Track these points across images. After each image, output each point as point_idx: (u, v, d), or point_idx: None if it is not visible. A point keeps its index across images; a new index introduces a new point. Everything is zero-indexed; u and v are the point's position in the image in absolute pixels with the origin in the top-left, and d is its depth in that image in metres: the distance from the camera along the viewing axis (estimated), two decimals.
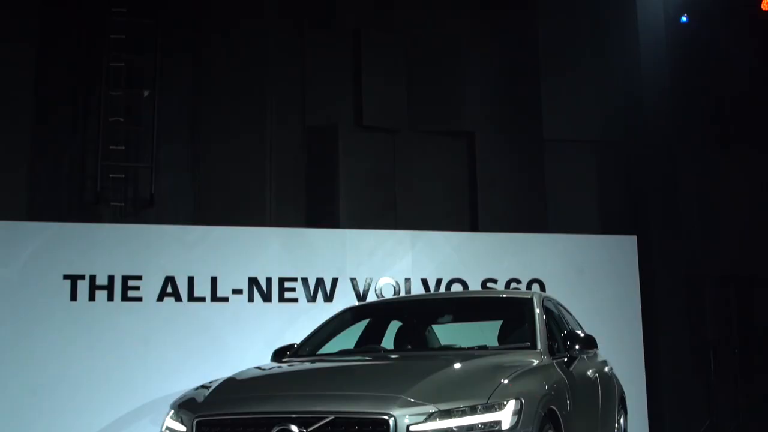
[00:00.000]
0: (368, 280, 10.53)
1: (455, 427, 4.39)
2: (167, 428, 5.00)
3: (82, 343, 9.59)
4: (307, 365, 5.93)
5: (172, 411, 5.05)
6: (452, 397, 4.53)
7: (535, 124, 12.31)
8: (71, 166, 10.73)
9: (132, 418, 9.52)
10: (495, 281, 10.91)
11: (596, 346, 6.28)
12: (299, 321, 9.83)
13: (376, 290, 10.51)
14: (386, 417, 4.37)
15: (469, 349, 6.01)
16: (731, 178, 12.39)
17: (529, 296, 6.50)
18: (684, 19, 12.46)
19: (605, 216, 12.42)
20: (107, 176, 10.58)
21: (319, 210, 11.44)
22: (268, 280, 10.23)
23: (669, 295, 11.78)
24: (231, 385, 5.23)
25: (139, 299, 9.85)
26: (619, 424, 7.55)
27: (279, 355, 6.43)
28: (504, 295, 7.28)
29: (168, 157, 10.92)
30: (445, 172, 12.02)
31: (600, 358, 7.47)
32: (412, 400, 4.48)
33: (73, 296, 9.66)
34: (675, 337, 11.72)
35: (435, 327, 7.18)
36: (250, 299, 10.13)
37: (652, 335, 11.55)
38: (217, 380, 5.41)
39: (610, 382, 7.43)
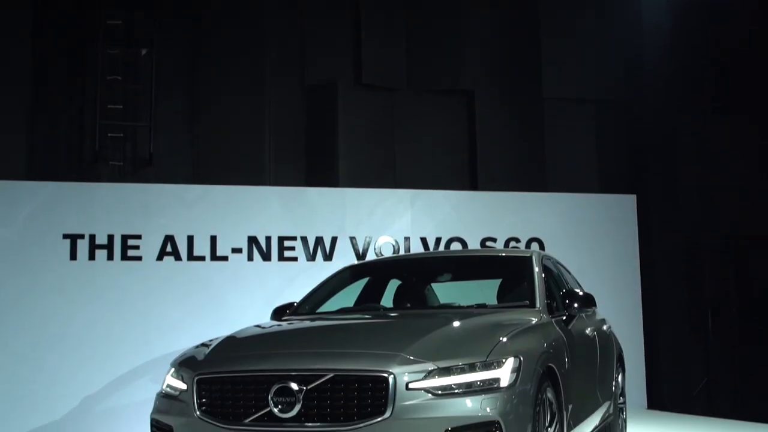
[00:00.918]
0: (367, 239, 10.54)
1: (454, 384, 4.41)
2: (168, 386, 5.03)
3: (83, 302, 9.63)
4: (307, 323, 5.95)
5: (173, 369, 5.08)
6: (451, 354, 4.55)
7: (535, 83, 12.26)
8: (69, 126, 10.70)
9: (132, 377, 9.58)
10: (494, 240, 10.93)
11: (595, 305, 6.29)
12: (299, 280, 9.86)
13: (375, 249, 10.53)
14: (385, 374, 4.39)
15: (468, 307, 6.01)
16: (731, 138, 12.36)
17: (528, 255, 6.49)
18: None
19: (605, 175, 12.41)
20: (106, 135, 10.56)
21: (319, 169, 11.42)
22: (268, 239, 10.24)
23: (668, 255, 11.81)
24: (231, 344, 5.26)
25: (139, 258, 9.87)
26: (616, 382, 7.58)
27: (279, 313, 6.45)
28: (503, 254, 7.28)
29: (166, 116, 10.88)
30: (444, 131, 11.98)
31: (598, 317, 7.49)
32: (412, 357, 4.50)
33: (73, 255, 9.67)
34: (673, 297, 11.77)
35: (434, 285, 7.19)
36: (250, 258, 10.16)
37: (650, 294, 11.60)
38: (217, 338, 5.44)
39: (608, 340, 7.46)
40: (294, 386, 4.45)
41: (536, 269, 6.17)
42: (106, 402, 9.52)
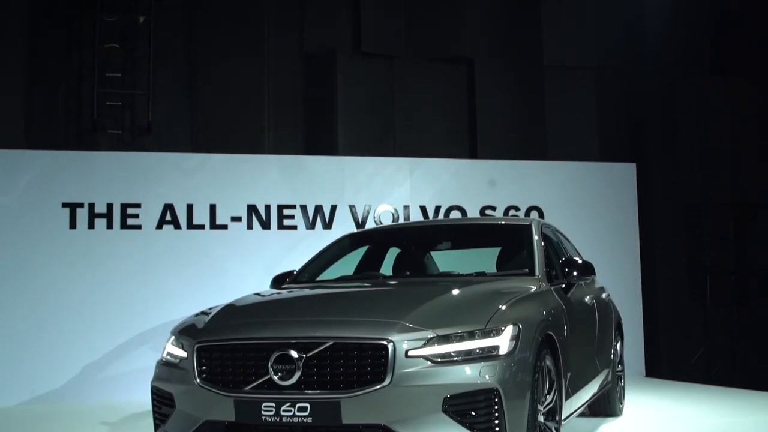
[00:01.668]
0: (367, 207, 10.54)
1: (453, 351, 4.43)
2: (168, 354, 5.04)
3: (82, 271, 9.64)
4: (307, 291, 5.96)
5: (173, 337, 5.09)
6: (450, 322, 4.56)
7: (535, 51, 12.20)
8: (67, 94, 10.64)
9: (132, 345, 9.62)
10: (494, 208, 10.93)
11: (594, 273, 6.29)
12: (298, 248, 9.87)
13: (374, 217, 10.53)
14: (385, 342, 4.40)
15: (467, 275, 6.02)
16: (730, 106, 12.31)
17: (528, 223, 6.50)
18: None
19: (604, 143, 12.38)
20: (104, 104, 10.51)
21: (318, 137, 11.39)
22: (267, 208, 10.24)
23: (667, 222, 11.82)
24: (231, 312, 5.27)
25: (139, 227, 9.87)
26: (615, 349, 7.61)
27: (278, 281, 6.47)
28: (502, 222, 7.29)
29: (165, 84, 10.82)
30: (444, 99, 11.94)
31: (597, 285, 7.51)
32: (411, 325, 4.51)
33: (73, 224, 9.68)
34: (672, 264, 11.78)
35: (433, 254, 7.21)
36: (249, 226, 10.16)
37: (649, 262, 11.62)
38: (216, 306, 5.45)
39: (607, 308, 7.48)
40: (294, 354, 4.46)
41: (535, 237, 6.17)
42: (107, 370, 9.56)
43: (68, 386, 9.43)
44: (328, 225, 10.38)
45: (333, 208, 10.45)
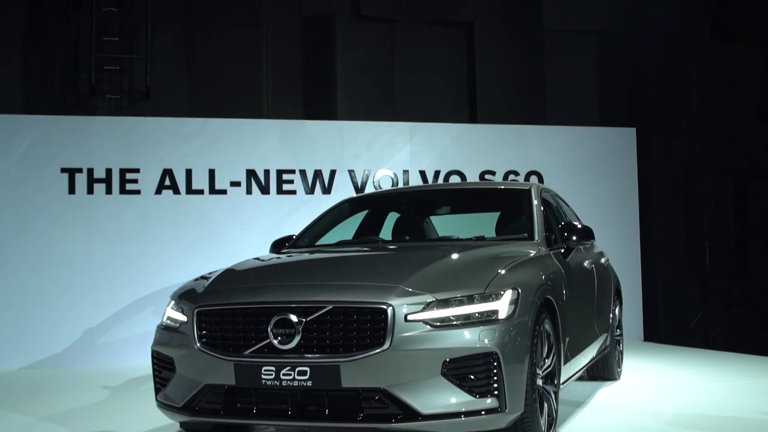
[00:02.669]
0: (366, 172, 10.53)
1: (452, 316, 4.43)
2: (168, 318, 5.06)
3: (82, 236, 9.66)
4: (306, 256, 5.95)
5: (173, 302, 5.10)
6: (450, 286, 4.56)
7: (536, 14, 12.11)
8: (65, 59, 10.58)
9: (132, 310, 9.65)
10: (493, 173, 10.92)
11: (593, 238, 6.30)
12: (297, 213, 9.88)
13: (374, 182, 10.52)
14: (384, 306, 4.41)
15: (466, 240, 6.02)
16: (731, 70, 12.24)
17: (527, 187, 6.48)
18: None
19: (605, 108, 12.34)
20: (101, 68, 10.46)
21: (317, 101, 11.35)
22: (266, 173, 10.23)
23: (666, 187, 11.80)
24: (230, 276, 5.27)
25: (138, 192, 9.87)
26: (614, 314, 7.64)
27: (278, 246, 6.47)
28: (502, 187, 7.25)
29: (163, 48, 10.76)
30: (443, 63, 11.88)
31: (596, 250, 7.52)
32: (410, 289, 4.52)
33: (72, 190, 9.67)
34: (671, 230, 11.79)
35: (433, 218, 7.20)
36: (249, 191, 10.16)
37: (648, 227, 11.63)
38: (216, 271, 5.46)
39: (606, 273, 7.49)
40: (293, 318, 4.47)
41: (535, 202, 6.16)
42: (107, 335, 9.60)
43: (69, 351, 9.48)
44: (327, 190, 10.37)
45: (332, 173, 10.44)
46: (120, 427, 5.95)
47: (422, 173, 10.74)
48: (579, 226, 6.16)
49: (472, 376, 4.38)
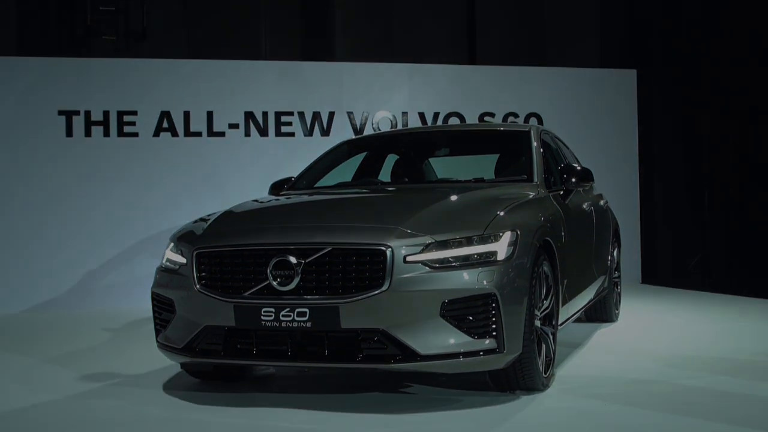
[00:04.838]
0: (365, 114, 10.48)
1: (451, 257, 4.44)
2: (168, 260, 5.06)
3: (80, 179, 9.65)
4: (305, 198, 5.95)
5: (172, 244, 5.10)
6: (449, 228, 4.56)
7: None
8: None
9: (132, 252, 9.67)
10: (492, 115, 10.87)
11: (592, 180, 6.28)
12: (296, 155, 9.84)
13: (372, 124, 10.47)
14: (383, 248, 4.41)
15: (465, 181, 6.02)
16: (733, 12, 12.09)
17: (527, 129, 6.45)
18: None
19: (605, 49, 12.23)
20: (97, 9, 10.34)
21: (315, 43, 11.25)
22: (265, 115, 10.19)
23: (666, 129, 11.76)
24: (229, 218, 5.27)
25: (136, 134, 9.84)
26: (612, 256, 7.66)
27: (277, 188, 6.47)
28: (501, 128, 7.21)
29: None
30: (442, 3, 11.75)
31: (596, 192, 7.52)
32: (409, 231, 4.52)
33: (69, 132, 9.64)
34: (671, 172, 11.77)
35: (432, 160, 7.19)
36: (247, 133, 10.12)
37: (648, 169, 11.61)
38: (215, 213, 5.45)
39: (605, 215, 7.50)
40: (292, 259, 4.48)
41: (534, 144, 6.14)
42: (107, 277, 9.63)
43: (69, 294, 9.52)
44: (325, 132, 10.33)
45: (331, 115, 10.39)
46: (121, 368, 5.99)
47: (421, 115, 10.69)
48: (578, 168, 6.15)
49: (470, 317, 4.39)
